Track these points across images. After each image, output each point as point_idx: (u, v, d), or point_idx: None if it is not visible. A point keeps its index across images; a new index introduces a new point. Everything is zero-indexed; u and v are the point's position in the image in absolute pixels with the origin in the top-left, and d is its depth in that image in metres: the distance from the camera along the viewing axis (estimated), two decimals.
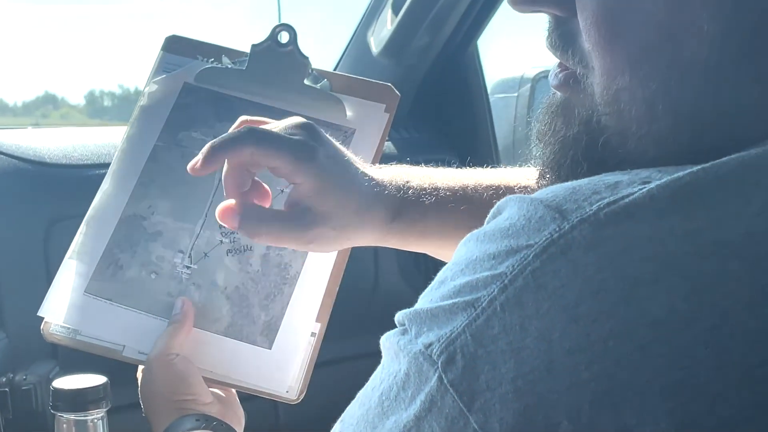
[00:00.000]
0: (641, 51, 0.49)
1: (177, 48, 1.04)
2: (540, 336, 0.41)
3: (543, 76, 1.83)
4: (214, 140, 0.77)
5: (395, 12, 1.53)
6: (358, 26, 1.65)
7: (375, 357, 1.43)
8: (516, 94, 1.77)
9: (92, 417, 0.74)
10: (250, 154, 0.76)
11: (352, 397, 0.56)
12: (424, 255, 1.56)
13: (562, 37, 0.55)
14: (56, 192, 1.23)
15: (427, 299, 0.47)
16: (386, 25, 1.55)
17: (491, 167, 0.90)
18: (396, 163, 0.90)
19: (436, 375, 0.43)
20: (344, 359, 1.47)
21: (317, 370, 0.93)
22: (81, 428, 0.74)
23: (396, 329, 0.48)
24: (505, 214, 0.46)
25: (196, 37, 1.06)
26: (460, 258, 0.46)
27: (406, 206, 0.81)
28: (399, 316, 0.48)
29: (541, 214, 0.43)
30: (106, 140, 1.34)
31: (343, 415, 0.51)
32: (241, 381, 0.93)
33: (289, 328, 0.94)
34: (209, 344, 0.93)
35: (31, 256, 1.20)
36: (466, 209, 0.81)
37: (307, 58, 1.01)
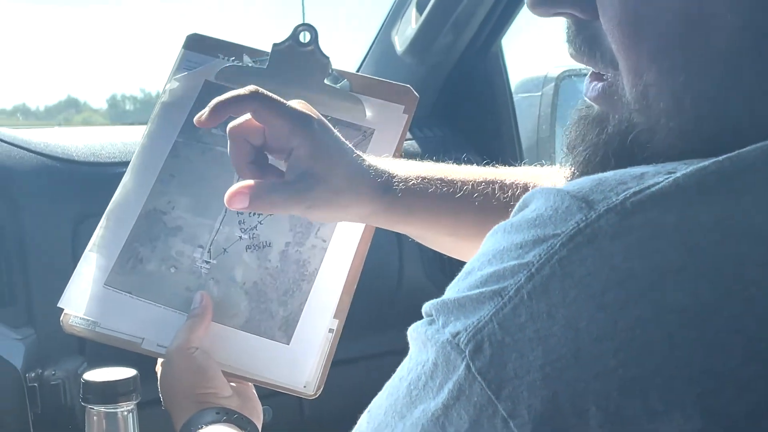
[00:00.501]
0: (666, 45, 0.48)
1: (198, 46, 1.04)
2: (567, 324, 0.41)
3: (567, 75, 1.82)
4: (221, 96, 0.81)
5: (420, 11, 1.52)
6: (382, 25, 1.64)
7: (400, 354, 1.43)
8: (540, 94, 1.76)
9: (122, 409, 0.75)
10: (252, 110, 0.81)
11: (377, 393, 0.56)
12: (449, 257, 1.57)
13: (587, 41, 0.53)
14: (84, 189, 1.24)
15: (454, 290, 0.47)
16: (411, 24, 1.54)
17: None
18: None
19: (464, 363, 0.43)
20: (369, 356, 1.47)
21: (342, 367, 0.93)
22: (111, 420, 0.75)
23: (423, 320, 0.48)
24: (532, 206, 0.46)
25: (217, 36, 1.06)
26: (487, 249, 0.46)
27: (394, 183, 0.83)
28: (426, 306, 0.48)
29: (568, 204, 0.43)
30: (132, 139, 1.34)
31: (369, 405, 0.51)
32: (259, 375, 0.92)
33: (307, 324, 0.94)
34: (228, 338, 0.93)
35: (59, 252, 1.20)
36: (448, 193, 0.83)
37: (327, 57, 1.01)
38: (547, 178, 0.86)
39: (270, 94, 0.82)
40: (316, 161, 0.81)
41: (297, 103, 0.84)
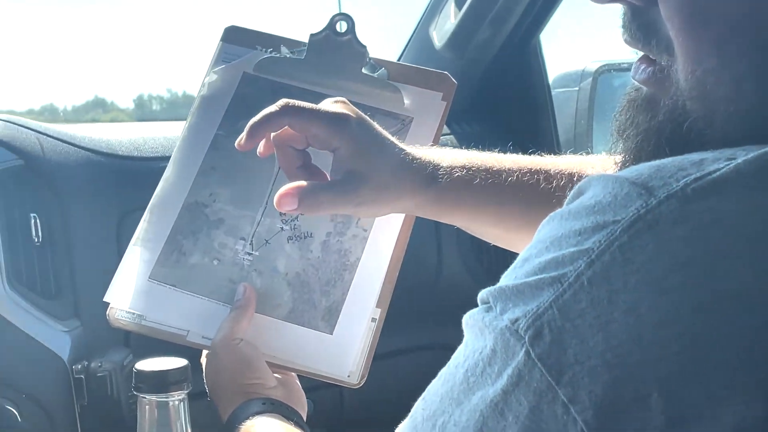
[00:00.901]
0: (728, 31, 0.47)
1: (236, 38, 1.04)
2: (628, 309, 0.41)
3: (605, 70, 1.80)
4: (254, 117, 0.82)
5: (459, 6, 1.51)
6: (420, 20, 1.63)
7: (438, 349, 1.43)
8: (577, 89, 1.75)
9: (174, 399, 0.75)
10: (286, 124, 0.81)
11: (416, 386, 0.56)
12: (487, 249, 1.58)
13: (643, 28, 0.53)
14: (128, 184, 1.24)
15: (511, 277, 0.47)
16: (449, 18, 1.52)
17: None
18: None
19: (523, 350, 0.43)
20: (408, 350, 1.46)
21: (381, 361, 0.93)
22: (162, 409, 0.75)
23: (479, 307, 0.48)
24: (589, 193, 0.46)
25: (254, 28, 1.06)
26: (544, 236, 0.47)
27: (439, 176, 0.82)
28: (483, 294, 0.48)
29: (627, 191, 0.43)
30: (174, 133, 1.34)
31: (424, 393, 0.51)
32: (303, 365, 0.92)
33: (350, 314, 0.93)
34: (271, 329, 0.93)
35: (104, 246, 1.21)
36: (493, 184, 0.82)
37: (365, 47, 1.01)
38: (592, 167, 0.85)
39: (302, 103, 0.82)
40: (358, 160, 0.81)
41: (333, 104, 0.84)
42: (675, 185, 0.42)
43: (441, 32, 1.55)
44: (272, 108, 0.82)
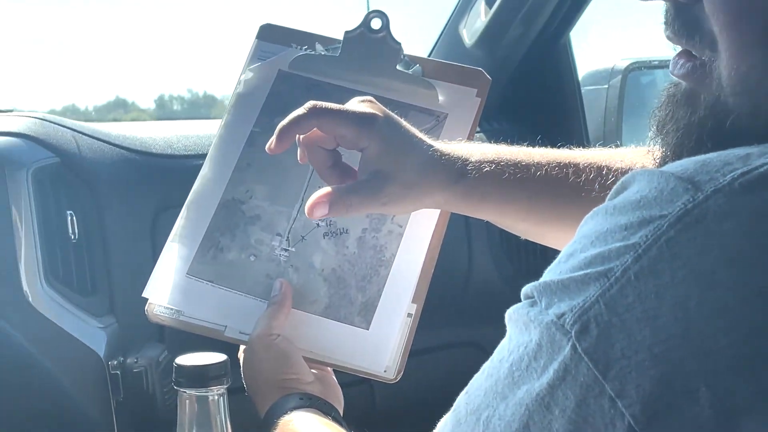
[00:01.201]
0: None
1: (271, 36, 1.04)
2: (676, 304, 0.40)
3: (634, 67, 1.79)
4: (283, 120, 0.82)
5: (489, 4, 1.50)
6: (449, 18, 1.63)
7: (467, 346, 1.43)
8: (607, 86, 1.74)
9: (213, 393, 0.75)
10: (314, 126, 0.82)
11: (445, 383, 0.56)
12: (517, 247, 1.57)
13: (687, 24, 0.53)
14: (162, 181, 1.24)
15: (555, 272, 0.47)
16: (480, 16, 1.52)
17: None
18: None
19: (570, 344, 0.43)
20: (437, 348, 1.46)
21: (411, 358, 0.93)
22: (202, 404, 0.75)
23: (523, 302, 0.48)
24: (634, 188, 0.46)
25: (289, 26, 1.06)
26: (588, 231, 0.46)
27: (468, 171, 0.82)
28: (527, 289, 0.48)
29: (673, 186, 0.43)
30: (207, 131, 1.35)
31: (467, 387, 0.50)
32: (340, 360, 0.92)
33: (386, 309, 0.93)
34: (308, 325, 0.93)
35: (139, 243, 1.21)
36: (522, 179, 0.81)
37: (399, 43, 1.00)
38: (621, 160, 0.84)
39: (329, 105, 0.82)
40: (385, 159, 0.81)
41: (360, 103, 0.84)
42: (722, 180, 0.42)
43: (471, 30, 1.55)
44: (300, 110, 0.82)
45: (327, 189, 0.82)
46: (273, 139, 0.83)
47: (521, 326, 0.47)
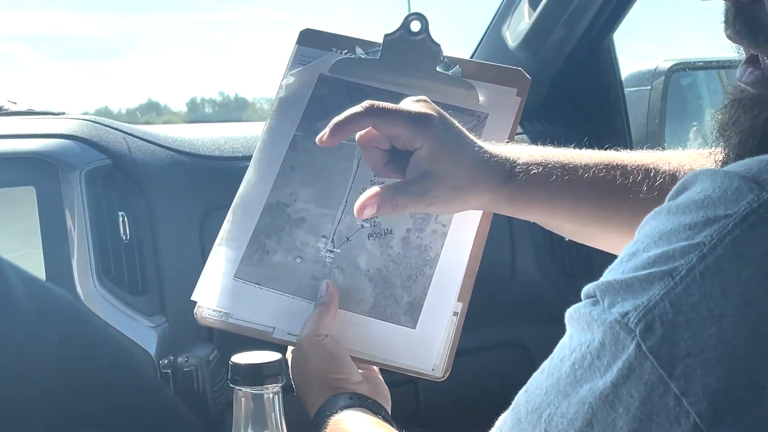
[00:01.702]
0: None
1: (311, 41, 1.04)
2: (742, 302, 0.40)
3: (677, 69, 1.78)
4: (338, 116, 0.82)
5: (533, 6, 1.49)
6: (492, 21, 1.61)
7: (511, 346, 1.42)
8: (649, 87, 1.73)
9: (268, 391, 0.76)
10: (370, 125, 0.82)
11: (490, 383, 0.56)
12: (560, 246, 1.57)
13: (748, 24, 0.52)
14: (210, 183, 1.25)
15: (617, 271, 0.46)
16: (524, 19, 1.51)
17: None
18: None
19: (634, 343, 0.43)
20: (481, 348, 1.45)
21: (456, 358, 0.93)
22: (258, 402, 0.75)
23: (585, 301, 0.48)
24: (696, 187, 0.45)
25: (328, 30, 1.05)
26: (650, 230, 0.46)
27: (516, 174, 0.81)
28: (588, 288, 0.48)
29: (738, 185, 0.43)
30: (253, 133, 1.35)
31: (526, 385, 0.50)
32: (387, 359, 0.91)
33: (432, 308, 0.92)
34: (355, 325, 0.92)
35: (188, 244, 1.22)
36: (569, 180, 0.81)
37: (438, 45, 1.00)
38: (668, 163, 0.83)
39: (385, 105, 0.82)
40: (436, 161, 0.81)
41: (415, 103, 0.84)
42: None
43: (515, 33, 1.54)
44: (357, 108, 0.82)
45: (375, 189, 0.82)
46: (326, 131, 0.83)
47: (583, 325, 0.47)
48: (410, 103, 0.84)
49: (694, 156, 0.85)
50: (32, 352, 0.32)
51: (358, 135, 0.85)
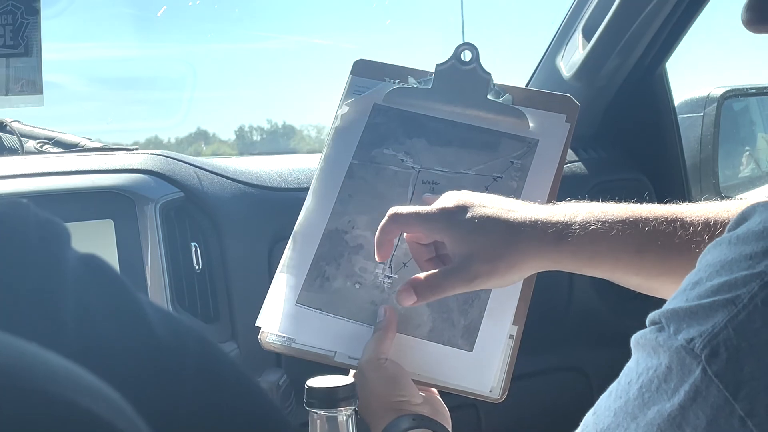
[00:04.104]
0: None
1: (364, 71, 1.05)
2: None
3: (730, 95, 1.77)
4: (376, 232, 0.89)
5: (587, 37, 1.46)
6: (546, 51, 1.60)
7: (570, 371, 1.41)
8: (702, 114, 1.73)
9: (342, 414, 0.77)
10: (399, 230, 0.89)
11: (549, 407, 0.57)
12: None
13: None
14: (276, 213, 1.25)
15: (681, 299, 0.47)
16: (578, 49, 1.48)
17: (679, 190, 0.88)
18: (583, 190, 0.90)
19: (700, 367, 0.43)
20: (540, 372, 1.41)
21: (515, 382, 0.91)
22: (332, 424, 0.77)
23: (650, 327, 0.48)
24: (756, 218, 0.46)
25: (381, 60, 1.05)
26: (712, 260, 0.47)
27: (571, 232, 0.81)
28: (653, 315, 0.48)
29: None
30: (313, 164, 1.39)
31: (594, 408, 0.51)
32: (446, 382, 0.90)
33: (488, 331, 0.91)
34: (414, 348, 0.91)
35: (256, 273, 1.21)
36: (631, 235, 0.80)
37: (489, 74, 1.00)
38: (728, 212, 0.81)
39: (404, 210, 0.86)
40: (461, 245, 0.83)
41: (444, 198, 0.87)
42: None
43: (569, 63, 1.52)
44: (384, 219, 0.88)
45: (413, 278, 0.85)
46: (376, 251, 0.90)
47: (649, 350, 0.47)
48: (441, 199, 0.87)
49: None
50: (174, 387, 0.34)
51: (405, 235, 0.91)
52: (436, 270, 0.85)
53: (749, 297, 0.43)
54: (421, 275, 0.85)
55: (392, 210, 0.87)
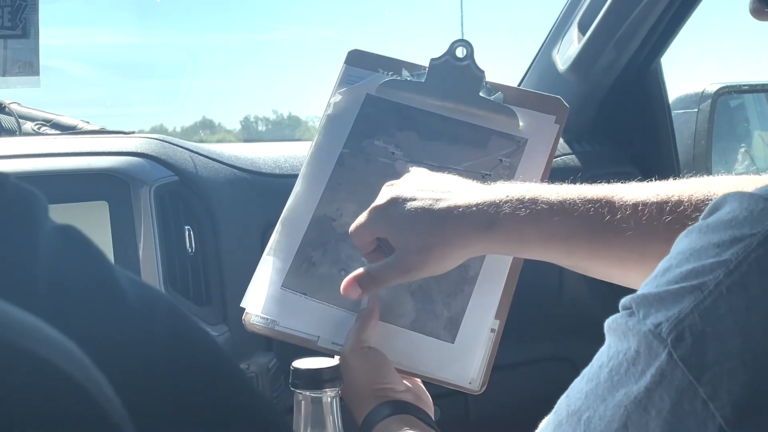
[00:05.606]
0: None
1: (358, 61, 1.04)
2: (765, 315, 0.43)
3: (724, 92, 1.77)
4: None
5: (582, 31, 1.45)
6: (542, 45, 1.58)
7: (560, 361, 1.42)
8: (696, 110, 1.73)
9: (327, 395, 0.78)
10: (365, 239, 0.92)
11: (539, 395, 0.58)
12: None
13: None
14: (270, 199, 1.23)
15: (652, 285, 0.48)
16: (573, 43, 1.47)
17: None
18: (576, 176, 0.88)
19: (666, 351, 0.44)
20: (531, 362, 1.41)
21: (505, 371, 0.92)
22: (317, 405, 0.77)
23: (622, 312, 0.49)
24: (726, 208, 0.47)
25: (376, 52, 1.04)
26: (683, 248, 0.48)
27: (500, 219, 0.81)
28: (625, 300, 0.49)
29: (763, 207, 0.45)
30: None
31: (567, 391, 0.52)
32: (426, 372, 0.90)
33: (470, 324, 0.91)
34: (396, 337, 0.91)
35: (248, 257, 1.17)
36: (560, 220, 0.79)
37: (482, 71, 0.99)
38: (657, 194, 0.79)
39: (357, 221, 0.91)
40: (393, 238, 0.87)
41: (379, 195, 0.89)
42: None
43: (564, 56, 1.51)
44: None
45: (359, 270, 0.87)
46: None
47: (620, 335, 0.48)
48: (379, 195, 0.91)
49: (698, 181, 0.82)
50: (143, 351, 0.34)
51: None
52: (376, 264, 0.88)
53: (715, 284, 0.44)
54: (362, 269, 0.87)
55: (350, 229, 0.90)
